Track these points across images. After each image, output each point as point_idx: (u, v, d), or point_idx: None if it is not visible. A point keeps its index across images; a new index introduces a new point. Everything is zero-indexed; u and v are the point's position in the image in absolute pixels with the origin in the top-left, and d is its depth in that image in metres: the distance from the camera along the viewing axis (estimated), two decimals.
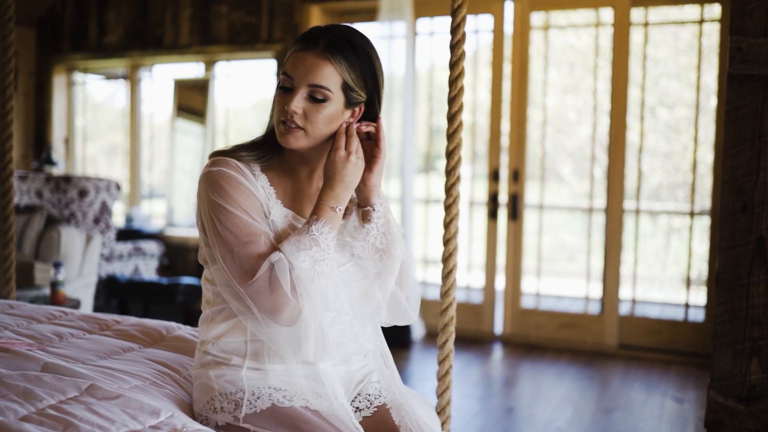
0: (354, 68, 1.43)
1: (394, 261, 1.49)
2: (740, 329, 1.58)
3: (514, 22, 4.69)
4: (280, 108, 1.44)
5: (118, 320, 2.09)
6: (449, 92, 1.73)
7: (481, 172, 5.70)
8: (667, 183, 8.54)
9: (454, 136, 1.74)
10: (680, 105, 8.02)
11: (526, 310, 4.80)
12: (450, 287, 1.75)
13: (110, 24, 5.88)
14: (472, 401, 3.68)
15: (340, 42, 1.42)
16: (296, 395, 1.44)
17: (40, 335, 1.89)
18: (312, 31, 1.44)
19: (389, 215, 1.52)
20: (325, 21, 5.16)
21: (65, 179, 4.80)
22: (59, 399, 1.38)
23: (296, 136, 1.44)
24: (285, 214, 1.48)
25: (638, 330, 4.57)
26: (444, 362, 1.82)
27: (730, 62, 1.59)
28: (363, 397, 1.54)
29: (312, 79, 1.41)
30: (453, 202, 1.74)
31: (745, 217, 1.56)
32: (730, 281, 1.58)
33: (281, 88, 1.45)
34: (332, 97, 1.42)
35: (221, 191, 1.41)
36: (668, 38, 7.97)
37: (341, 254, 1.49)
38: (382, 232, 1.49)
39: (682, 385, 3.96)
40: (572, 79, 8.43)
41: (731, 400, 1.54)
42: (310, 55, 1.41)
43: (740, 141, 1.59)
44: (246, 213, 1.40)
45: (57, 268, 3.47)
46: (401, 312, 1.56)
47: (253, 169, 1.48)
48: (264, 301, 1.36)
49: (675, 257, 7.91)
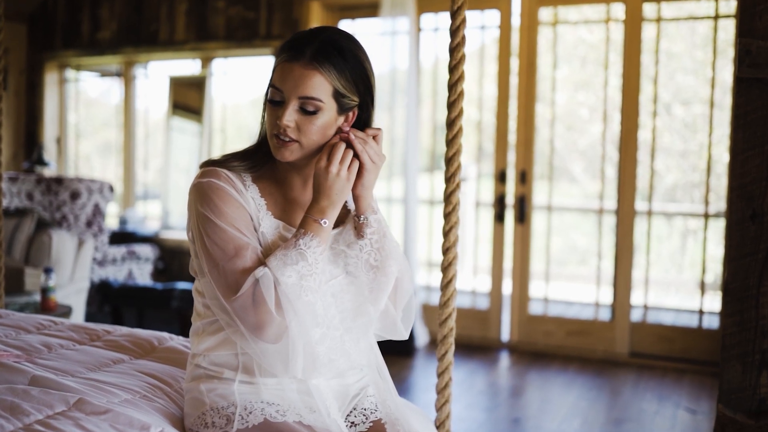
0: (344, 74, 1.44)
1: (388, 279, 1.51)
2: (750, 341, 1.58)
3: (522, 17, 4.70)
4: (272, 122, 1.46)
5: (109, 330, 2.11)
6: (449, 96, 1.74)
7: (488, 171, 5.71)
8: (682, 183, 8.53)
9: (453, 141, 1.75)
10: (697, 102, 8.01)
11: (533, 316, 4.82)
12: (450, 297, 1.77)
13: (103, 19, 5.92)
14: (477, 412, 3.70)
15: (327, 49, 1.43)
16: (289, 410, 1.46)
17: (29, 346, 1.92)
18: (296, 40, 1.45)
19: (385, 230, 1.53)
20: (325, 16, 5.18)
21: (57, 181, 4.83)
22: (47, 414, 1.40)
23: (291, 150, 1.46)
24: (275, 225, 1.49)
25: (650, 337, 4.58)
26: (443, 375, 1.83)
27: (738, 65, 1.60)
28: (359, 411, 1.56)
29: (302, 91, 1.42)
30: (452, 210, 1.75)
31: (754, 225, 1.57)
32: (739, 291, 1.59)
33: (270, 101, 1.46)
34: (324, 107, 1.44)
35: (210, 203, 1.43)
36: (684, 32, 7.96)
37: (334, 265, 1.51)
38: (377, 248, 1.50)
39: (695, 396, 3.96)
40: (584, 74, 8.43)
41: (740, 414, 1.54)
42: (297, 66, 1.42)
43: (749, 146, 1.60)
44: (233, 227, 1.42)
45: (48, 273, 3.50)
46: (393, 329, 1.59)
47: (244, 179, 1.50)
48: (248, 317, 1.38)
49: (691, 260, 7.90)
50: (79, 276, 4.38)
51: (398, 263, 1.53)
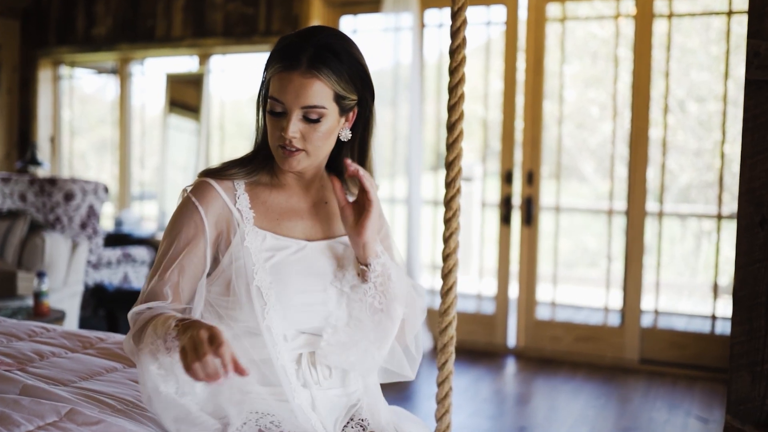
0: (342, 76, 1.47)
1: (393, 323, 1.53)
2: (759, 350, 1.59)
3: (528, 12, 4.71)
4: (276, 134, 1.48)
5: (102, 338, 2.13)
6: (449, 99, 1.75)
7: (494, 170, 5.72)
8: (697, 182, 8.52)
9: (454, 145, 1.76)
10: (712, 99, 8.00)
11: (540, 321, 4.83)
12: (450, 305, 1.78)
13: (99, 15, 5.95)
14: (482, 420, 3.71)
15: (323, 53, 1.45)
16: (284, 420, 1.47)
17: (20, 354, 1.94)
18: (288, 47, 1.46)
19: (391, 271, 1.54)
20: (326, 12, 5.20)
21: (50, 182, 4.86)
22: (37, 424, 1.42)
23: (298, 159, 1.49)
24: (262, 237, 1.52)
25: (661, 343, 4.58)
26: (444, 384, 1.84)
27: (747, 67, 1.61)
28: (356, 422, 1.57)
29: (304, 101, 1.44)
30: (453, 215, 1.76)
31: (763, 231, 1.57)
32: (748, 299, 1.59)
33: (271, 113, 1.48)
34: (327, 113, 1.47)
35: (175, 221, 1.52)
36: (699, 27, 7.95)
37: (338, 309, 1.53)
38: (381, 291, 1.52)
39: (707, 404, 3.97)
40: (595, 70, 8.43)
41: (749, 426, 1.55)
42: (296, 75, 1.44)
43: (759, 150, 1.60)
44: (181, 253, 1.49)
45: (41, 277, 3.52)
46: (398, 369, 1.61)
47: (237, 188, 1.53)
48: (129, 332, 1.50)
49: (705, 263, 7.89)
50: (73, 279, 4.41)
51: (404, 304, 1.55)
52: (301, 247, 1.54)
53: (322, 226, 1.59)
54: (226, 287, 1.50)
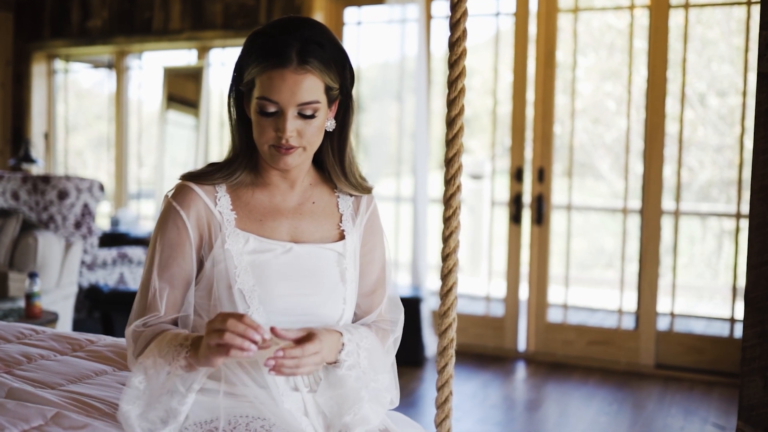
0: (329, 66, 1.49)
1: (360, 404, 1.55)
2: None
3: (539, 3, 4.71)
4: (269, 134, 1.49)
5: (93, 340, 2.15)
6: (449, 93, 1.76)
7: (504, 167, 5.72)
8: (718, 180, 8.48)
9: (454, 141, 1.77)
10: (733, 92, 7.96)
11: (552, 324, 4.83)
12: (450, 307, 1.79)
13: (94, 7, 5.98)
14: (490, 426, 3.72)
15: (309, 46, 1.46)
16: (275, 425, 1.49)
17: (8, 357, 1.96)
18: (272, 43, 1.46)
19: (362, 360, 1.55)
20: (329, 3, 5.22)
21: (43, 179, 4.89)
22: (22, 428, 1.44)
23: (295, 156, 1.51)
24: (244, 239, 1.53)
25: (678, 347, 4.57)
26: (443, 389, 1.85)
27: (759, 60, 1.61)
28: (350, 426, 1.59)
29: (299, 98, 1.46)
30: (453, 214, 1.77)
31: None
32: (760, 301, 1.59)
33: (262, 113, 1.48)
34: (320, 106, 1.50)
35: (159, 227, 1.56)
36: (720, 17, 7.92)
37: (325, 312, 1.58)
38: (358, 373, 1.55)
39: (724, 411, 3.96)
40: (612, 63, 8.41)
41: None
42: (288, 72, 1.45)
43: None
44: (168, 260, 1.52)
45: (33, 278, 3.55)
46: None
47: (218, 191, 1.56)
48: (128, 351, 1.55)
49: (726, 264, 7.86)
50: (67, 281, 4.44)
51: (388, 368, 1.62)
52: (287, 249, 1.56)
53: (308, 226, 1.60)
54: (208, 292, 1.52)
